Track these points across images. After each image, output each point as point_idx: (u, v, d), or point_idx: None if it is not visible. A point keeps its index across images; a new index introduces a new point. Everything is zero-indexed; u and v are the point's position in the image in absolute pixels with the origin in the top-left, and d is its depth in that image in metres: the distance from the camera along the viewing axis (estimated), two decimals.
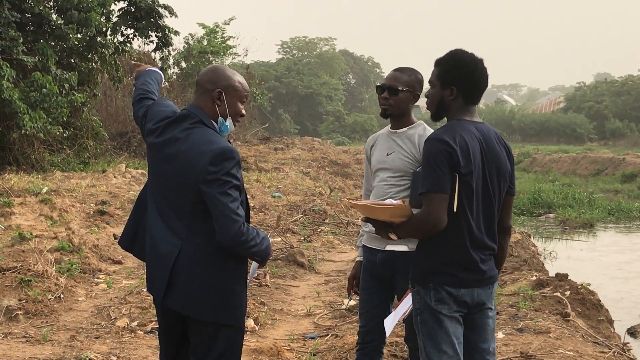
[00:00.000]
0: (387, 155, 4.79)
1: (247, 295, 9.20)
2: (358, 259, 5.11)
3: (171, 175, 3.90)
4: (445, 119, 4.05)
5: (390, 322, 4.27)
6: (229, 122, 4.03)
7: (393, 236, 3.90)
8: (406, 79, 4.77)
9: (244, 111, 4.12)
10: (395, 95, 4.74)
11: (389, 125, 4.92)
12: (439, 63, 4.00)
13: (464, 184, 3.75)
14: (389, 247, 4.72)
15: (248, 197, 4.27)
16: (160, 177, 3.99)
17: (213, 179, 3.73)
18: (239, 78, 4.08)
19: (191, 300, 3.86)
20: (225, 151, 3.78)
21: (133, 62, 4.81)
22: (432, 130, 4.70)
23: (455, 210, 3.73)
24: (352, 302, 8.42)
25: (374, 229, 4.07)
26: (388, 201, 3.97)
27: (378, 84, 4.88)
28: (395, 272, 4.72)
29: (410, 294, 4.14)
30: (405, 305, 4.19)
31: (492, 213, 3.92)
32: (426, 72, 4.37)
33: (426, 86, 4.16)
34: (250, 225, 3.90)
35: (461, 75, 3.91)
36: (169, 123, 3.99)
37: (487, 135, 3.92)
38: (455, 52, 3.99)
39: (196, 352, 3.98)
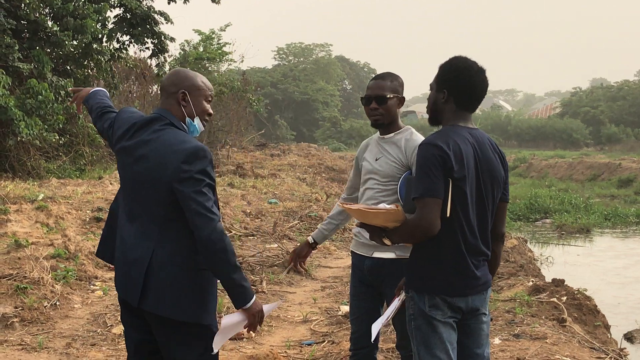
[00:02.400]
0: (376, 160, 4.82)
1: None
2: (308, 238, 5.32)
3: (143, 177, 3.91)
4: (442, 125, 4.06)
5: (377, 326, 4.28)
6: (197, 121, 4.06)
7: (387, 241, 3.90)
8: (390, 84, 4.79)
9: (210, 110, 4.15)
10: (384, 104, 4.75)
11: (379, 131, 4.93)
12: (439, 67, 4.02)
13: (458, 189, 3.75)
14: (376, 254, 4.74)
15: (244, 203, 4.27)
16: (131, 181, 4.00)
17: (187, 177, 3.74)
18: (201, 78, 4.12)
19: (167, 301, 3.85)
20: (198, 150, 3.80)
21: (70, 89, 4.80)
22: (419, 135, 4.73)
23: (448, 215, 3.73)
24: (346, 308, 8.41)
25: (364, 233, 4.07)
26: (381, 205, 3.97)
27: (362, 96, 4.91)
28: (383, 279, 4.74)
29: (396, 299, 4.15)
30: (391, 309, 4.19)
31: (485, 219, 3.91)
32: (423, 77, 4.38)
33: (426, 91, 4.17)
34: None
35: (455, 79, 3.92)
36: (139, 126, 4.00)
37: (480, 141, 3.92)
38: (455, 57, 4.00)
39: (171, 355, 3.98)
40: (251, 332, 4.05)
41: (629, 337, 10.16)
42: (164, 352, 4.02)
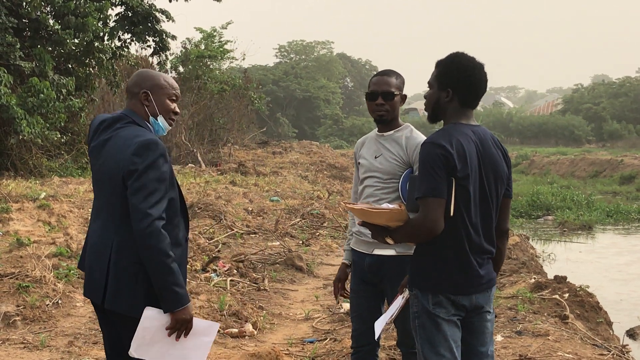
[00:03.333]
0: (375, 158, 4.80)
1: (247, 299, 9.18)
2: (344, 261, 5.12)
3: (103, 174, 3.92)
4: (442, 122, 4.04)
5: (380, 324, 4.27)
6: (160, 120, 4.06)
7: (390, 240, 3.89)
8: (395, 81, 4.80)
9: (176, 109, 4.14)
10: (391, 100, 4.75)
11: (377, 128, 4.92)
12: (438, 64, 4.00)
13: (461, 187, 3.74)
14: (377, 252, 4.73)
15: (246, 201, 4.24)
16: (96, 179, 4.03)
17: (134, 169, 3.72)
18: (165, 77, 4.12)
19: (123, 297, 3.83)
20: (150, 142, 3.78)
21: None
22: (419, 133, 4.72)
23: (452, 214, 3.72)
24: (348, 305, 8.40)
25: (365, 232, 4.05)
26: (384, 205, 3.96)
27: (368, 91, 4.88)
28: (384, 276, 4.73)
29: (400, 296, 4.14)
30: (394, 307, 4.18)
31: (489, 216, 3.91)
32: (423, 75, 4.38)
33: (425, 86, 4.15)
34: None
35: (458, 77, 3.90)
36: (105, 126, 4.02)
37: (483, 138, 3.91)
38: (455, 55, 3.98)
39: None
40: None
41: (631, 334, 10.15)
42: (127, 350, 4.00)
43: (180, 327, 3.82)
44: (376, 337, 4.40)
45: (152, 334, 3.83)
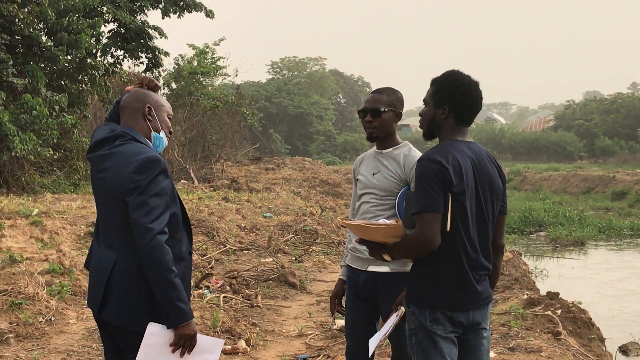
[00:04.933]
0: (373, 175, 4.81)
1: (240, 315, 9.16)
2: (340, 277, 5.13)
3: (104, 190, 3.95)
4: (437, 139, 4.06)
5: (374, 342, 4.27)
6: (162, 134, 4.12)
7: (387, 257, 3.90)
8: (386, 99, 4.81)
9: (171, 128, 4.21)
10: (379, 117, 4.77)
11: (375, 146, 4.94)
12: (434, 82, 4.02)
13: (457, 203, 3.75)
14: (371, 268, 4.74)
15: (239, 217, 4.26)
16: (96, 194, 4.06)
17: (135, 187, 3.75)
18: (162, 97, 4.20)
19: (125, 311, 3.84)
20: (150, 160, 3.81)
21: None
22: (417, 151, 4.74)
23: (448, 229, 3.73)
24: (341, 322, 8.40)
25: (361, 248, 4.06)
26: (382, 221, 3.98)
27: (359, 109, 4.92)
28: (378, 293, 4.73)
29: (394, 314, 4.14)
30: (389, 324, 4.19)
31: (486, 232, 3.92)
32: (417, 91, 4.39)
33: (420, 105, 4.18)
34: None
35: (455, 95, 3.93)
36: (103, 140, 4.03)
37: (479, 154, 3.93)
38: (451, 72, 4.01)
39: None
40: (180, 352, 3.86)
41: (623, 350, 10.17)
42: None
43: (184, 342, 3.82)
44: (370, 354, 4.41)
45: (156, 350, 3.83)
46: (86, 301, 4.12)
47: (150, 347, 3.82)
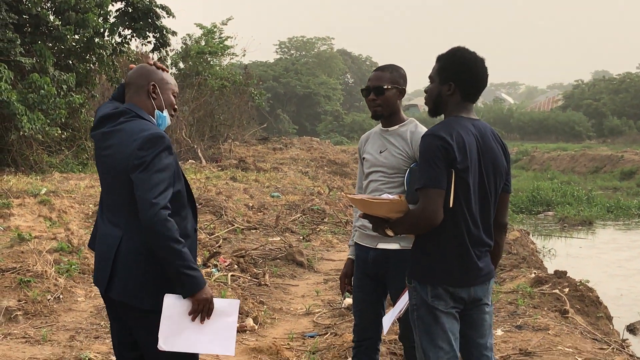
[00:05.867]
0: (380, 153, 4.79)
1: (247, 294, 9.18)
2: (349, 256, 5.11)
3: (109, 167, 3.95)
4: (443, 115, 4.05)
5: (388, 320, 4.27)
6: (165, 113, 4.11)
7: (390, 232, 3.91)
8: (389, 76, 4.78)
9: (176, 105, 4.20)
10: (382, 95, 4.74)
11: (381, 124, 4.93)
12: (439, 59, 4.01)
13: (460, 179, 3.75)
14: (381, 245, 4.72)
15: (247, 196, 4.25)
16: (101, 171, 4.06)
17: (139, 163, 3.74)
18: (167, 73, 4.18)
19: (130, 288, 3.85)
20: (155, 136, 3.81)
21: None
22: (424, 127, 4.71)
23: (451, 205, 3.74)
24: (349, 300, 8.41)
25: (368, 224, 4.05)
26: (385, 196, 3.98)
27: (362, 87, 4.90)
28: (388, 270, 4.72)
29: (407, 292, 4.14)
30: (402, 302, 4.19)
31: (488, 209, 3.92)
32: (424, 70, 4.38)
33: (426, 82, 4.16)
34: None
35: (460, 71, 3.92)
36: (107, 117, 4.03)
37: (483, 132, 3.93)
38: (457, 49, 4.00)
39: (145, 345, 3.98)
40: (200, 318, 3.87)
41: (631, 329, 10.16)
42: (139, 342, 4.02)
43: (202, 308, 3.82)
44: (384, 332, 4.41)
45: (177, 322, 3.84)
46: (94, 277, 4.12)
47: (170, 319, 3.83)
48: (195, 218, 4.13)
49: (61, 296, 8.37)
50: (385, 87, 4.73)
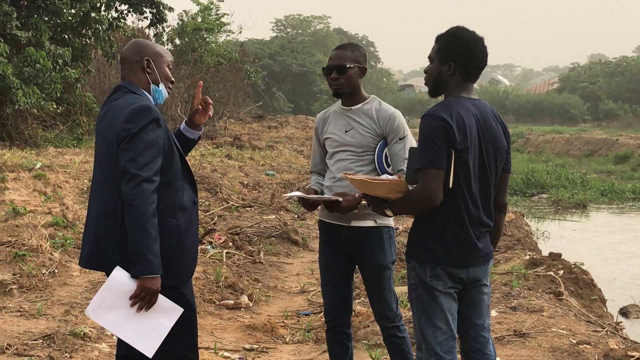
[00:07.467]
0: (346, 132, 4.78)
1: (242, 271, 9.17)
2: (311, 186, 5.04)
3: (100, 143, 3.98)
4: (443, 96, 4.04)
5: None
6: (162, 87, 4.11)
7: (389, 212, 3.92)
8: (350, 54, 4.78)
9: (172, 77, 4.19)
10: (345, 74, 4.73)
11: (339, 102, 4.92)
12: (439, 39, 4.00)
13: (460, 160, 3.75)
14: (355, 223, 4.71)
15: (241, 174, 4.24)
16: (96, 149, 4.08)
17: (125, 135, 3.75)
18: (160, 46, 4.18)
19: (98, 256, 3.89)
20: (142, 108, 3.82)
21: None
22: (387, 104, 4.73)
23: (450, 186, 3.74)
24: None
25: (337, 189, 4.07)
26: (384, 176, 3.98)
27: (323, 67, 4.88)
28: (364, 248, 4.72)
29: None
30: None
31: (488, 190, 3.92)
32: (421, 49, 4.36)
33: (425, 64, 4.15)
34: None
35: (460, 51, 3.90)
36: (105, 101, 4.08)
37: (483, 112, 3.92)
38: (456, 29, 3.99)
39: None
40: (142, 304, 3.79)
41: (624, 312, 10.20)
42: None
43: (144, 296, 3.75)
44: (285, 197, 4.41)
45: (115, 297, 3.78)
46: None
47: (109, 291, 3.79)
48: (195, 191, 4.12)
49: (56, 270, 8.37)
50: (348, 65, 4.72)
